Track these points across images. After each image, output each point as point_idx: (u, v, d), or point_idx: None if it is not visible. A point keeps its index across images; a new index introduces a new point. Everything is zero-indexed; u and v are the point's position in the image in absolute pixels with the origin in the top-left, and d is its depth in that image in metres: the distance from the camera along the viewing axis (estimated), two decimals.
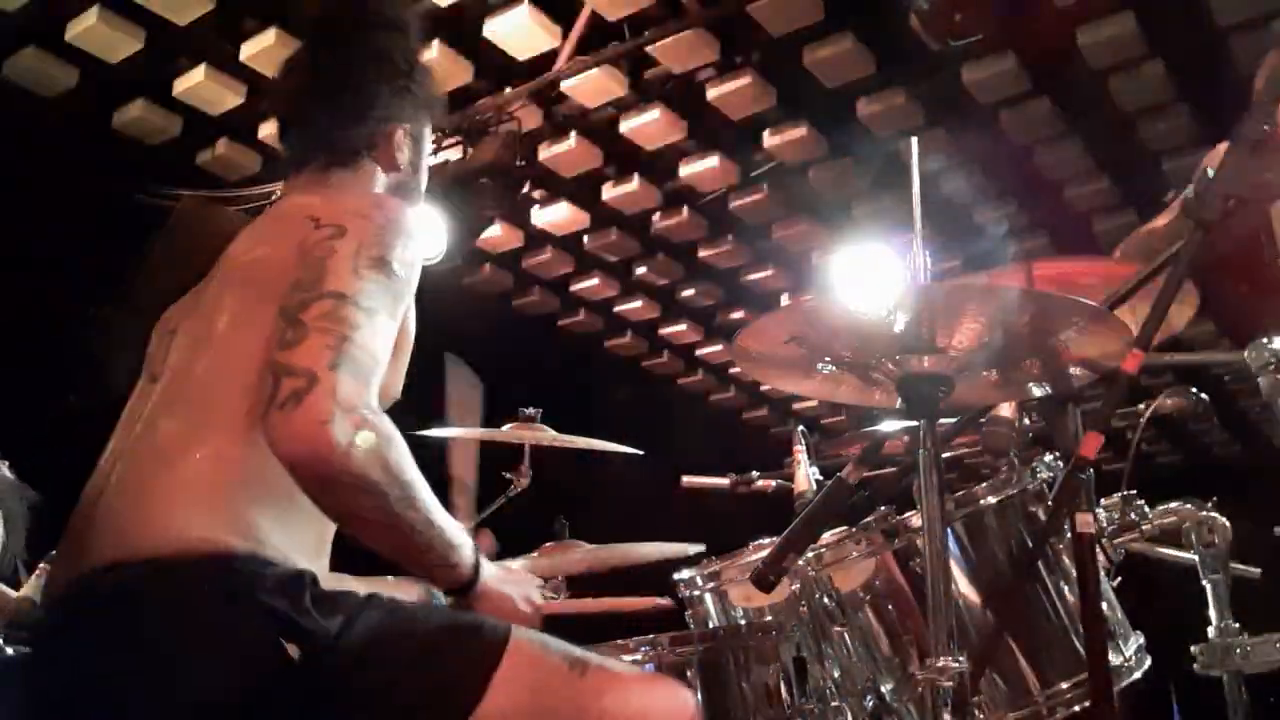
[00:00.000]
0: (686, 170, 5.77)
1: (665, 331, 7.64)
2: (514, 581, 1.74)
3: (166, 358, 1.72)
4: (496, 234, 6.09)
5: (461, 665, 1.54)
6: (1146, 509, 2.24)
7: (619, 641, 2.19)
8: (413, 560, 1.56)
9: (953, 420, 2.22)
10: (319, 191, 1.83)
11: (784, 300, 7.03)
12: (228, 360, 1.62)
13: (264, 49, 4.65)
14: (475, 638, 1.56)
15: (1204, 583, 2.41)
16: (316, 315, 1.51)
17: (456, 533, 1.59)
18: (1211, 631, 2.37)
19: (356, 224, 1.63)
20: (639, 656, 2.17)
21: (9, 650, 2.81)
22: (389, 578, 1.93)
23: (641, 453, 3.69)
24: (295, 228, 1.67)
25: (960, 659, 1.62)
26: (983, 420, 2.23)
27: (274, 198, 1.91)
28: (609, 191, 6.01)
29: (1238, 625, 2.35)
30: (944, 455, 1.76)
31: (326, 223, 1.64)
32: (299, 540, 1.60)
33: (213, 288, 1.73)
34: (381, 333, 1.56)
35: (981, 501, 2.05)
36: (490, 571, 1.67)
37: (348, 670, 1.50)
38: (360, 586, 1.77)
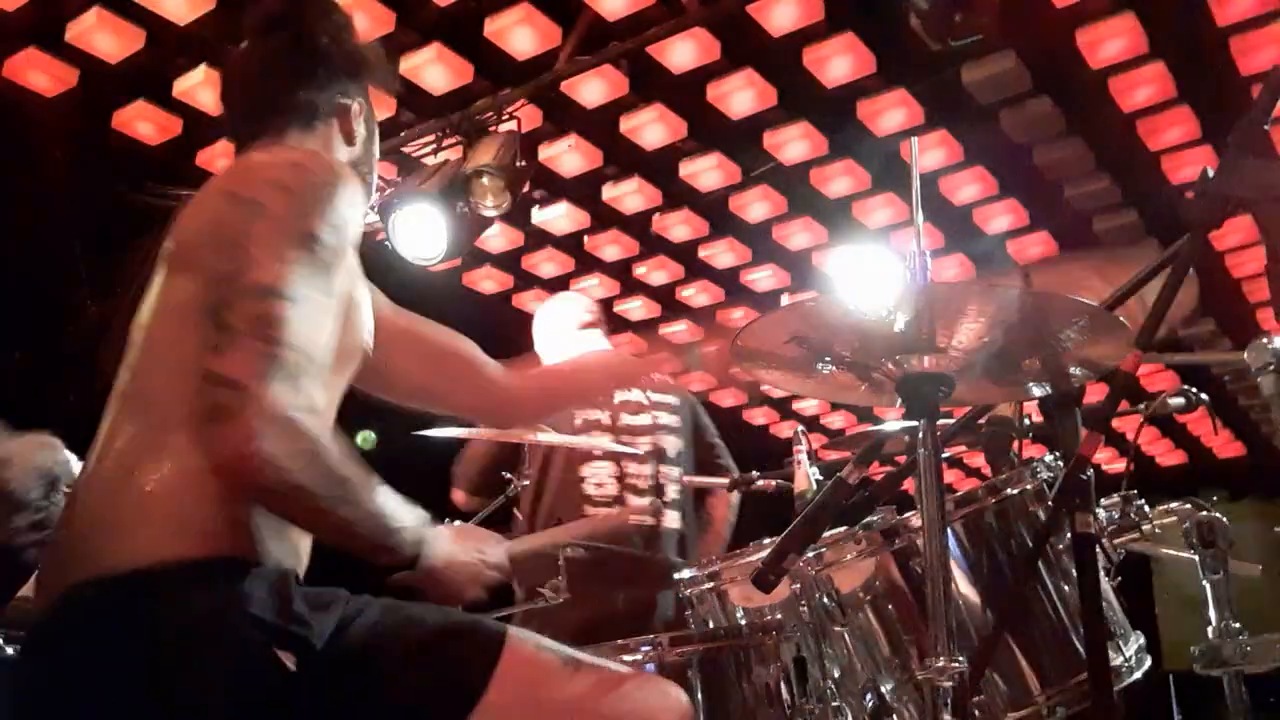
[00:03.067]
0: (686, 170, 5.77)
1: (665, 331, 7.64)
2: (467, 549, 1.72)
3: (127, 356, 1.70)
4: (496, 234, 6.09)
5: (458, 666, 1.53)
6: (1146, 509, 2.24)
7: (619, 641, 2.19)
8: (356, 547, 1.56)
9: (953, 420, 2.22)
10: (251, 155, 1.78)
11: (784, 300, 7.03)
12: (163, 357, 1.60)
13: None
14: (471, 638, 1.56)
15: (1204, 583, 2.41)
16: (243, 316, 1.49)
17: (397, 518, 1.58)
18: (1211, 631, 2.37)
19: (273, 197, 1.58)
20: (639, 656, 2.17)
21: (9, 650, 2.80)
22: None
23: (640, 452, 3.70)
24: (211, 202, 1.64)
25: (960, 659, 1.62)
26: (982, 420, 2.23)
27: None
28: (609, 191, 6.01)
29: (1238, 625, 2.35)
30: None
31: (242, 196, 1.59)
32: (277, 530, 1.57)
33: (156, 275, 1.70)
34: (313, 318, 1.54)
35: (981, 501, 2.05)
36: (440, 547, 1.65)
37: (345, 673, 1.49)
38: None
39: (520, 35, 4.71)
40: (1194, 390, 2.45)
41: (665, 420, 3.81)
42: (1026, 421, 2.45)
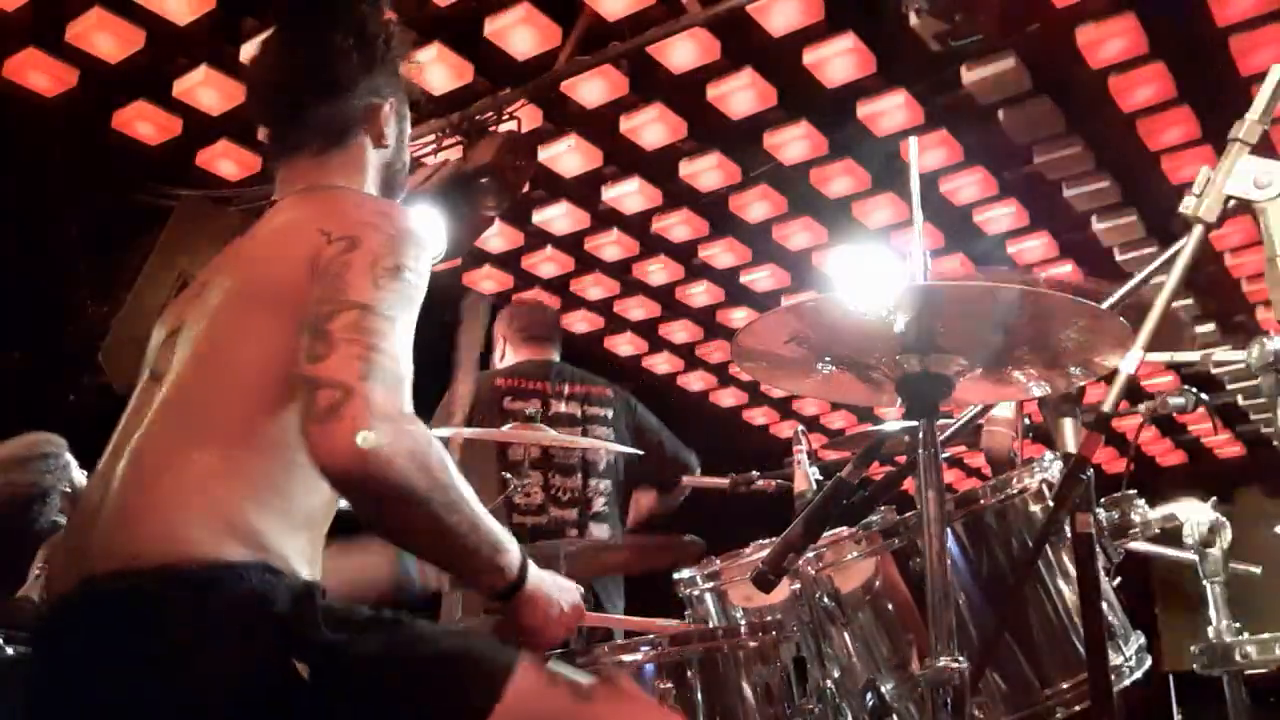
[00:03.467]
0: (686, 170, 5.77)
1: (665, 331, 7.64)
2: (558, 587, 1.72)
3: (169, 359, 1.70)
4: (496, 234, 6.09)
5: (464, 689, 1.51)
6: (1146, 509, 2.24)
7: (620, 642, 2.19)
8: (460, 565, 1.56)
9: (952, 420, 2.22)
10: (321, 190, 1.81)
11: (784, 300, 7.03)
12: (229, 369, 1.62)
13: None
14: (482, 662, 1.54)
15: (1204, 583, 2.42)
16: (342, 326, 1.51)
17: (503, 536, 1.58)
18: (1211, 631, 2.37)
19: (368, 235, 1.63)
20: (639, 656, 2.18)
21: (9, 650, 2.80)
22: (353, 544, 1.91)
23: (641, 453, 3.70)
24: (306, 239, 1.65)
25: (960, 659, 1.62)
26: (982, 421, 2.24)
27: (273, 196, 1.89)
28: (609, 191, 6.01)
29: (1238, 625, 2.35)
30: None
31: (339, 235, 1.63)
32: (299, 545, 1.58)
33: (216, 291, 1.71)
34: (403, 339, 1.57)
35: (981, 501, 2.05)
36: (537, 575, 1.65)
37: (352, 690, 1.48)
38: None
39: (520, 35, 4.71)
40: (1194, 390, 2.45)
41: (598, 432, 3.81)
42: (1026, 421, 2.46)
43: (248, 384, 1.60)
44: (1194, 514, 2.41)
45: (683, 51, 4.81)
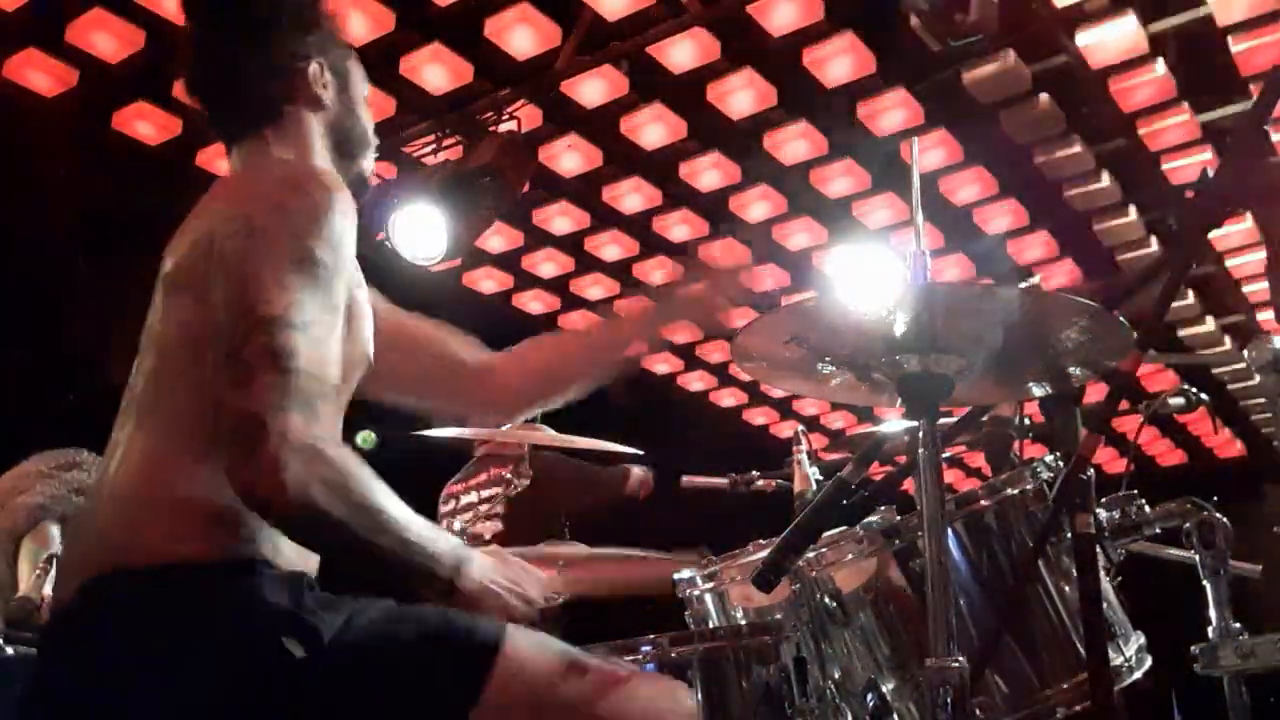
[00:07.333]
0: (686, 170, 5.77)
1: (665, 331, 7.63)
2: (509, 577, 1.67)
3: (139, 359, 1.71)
4: (496, 234, 6.09)
5: (456, 666, 1.53)
6: (1146, 509, 2.23)
7: (619, 641, 2.19)
8: (384, 575, 1.54)
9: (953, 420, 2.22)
10: (246, 163, 1.80)
11: (784, 300, 7.03)
12: (166, 360, 1.62)
13: None
14: (470, 639, 1.55)
15: (1204, 583, 2.41)
16: (255, 349, 1.47)
17: (436, 546, 1.55)
18: (1211, 631, 2.37)
19: (268, 218, 1.56)
20: (639, 656, 2.17)
21: (9, 650, 2.81)
22: None
23: (641, 453, 3.70)
24: (206, 217, 1.64)
25: (960, 659, 1.62)
26: (983, 420, 2.23)
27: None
28: (609, 191, 6.01)
29: (1238, 625, 2.35)
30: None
31: (235, 213, 1.58)
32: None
33: (158, 292, 1.71)
34: (323, 340, 1.53)
35: (981, 501, 2.05)
36: (475, 573, 1.60)
37: (344, 669, 1.50)
38: None
39: (520, 35, 4.71)
40: (1194, 390, 2.45)
41: None
42: (1026, 421, 2.45)
43: (184, 372, 1.58)
44: (1193, 514, 2.41)
45: (683, 51, 4.82)
